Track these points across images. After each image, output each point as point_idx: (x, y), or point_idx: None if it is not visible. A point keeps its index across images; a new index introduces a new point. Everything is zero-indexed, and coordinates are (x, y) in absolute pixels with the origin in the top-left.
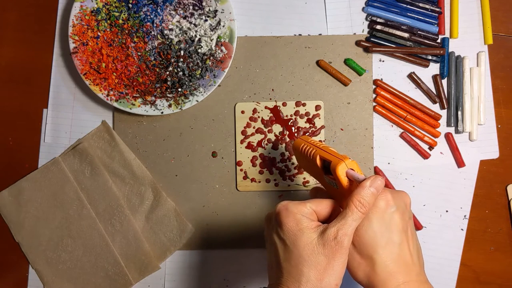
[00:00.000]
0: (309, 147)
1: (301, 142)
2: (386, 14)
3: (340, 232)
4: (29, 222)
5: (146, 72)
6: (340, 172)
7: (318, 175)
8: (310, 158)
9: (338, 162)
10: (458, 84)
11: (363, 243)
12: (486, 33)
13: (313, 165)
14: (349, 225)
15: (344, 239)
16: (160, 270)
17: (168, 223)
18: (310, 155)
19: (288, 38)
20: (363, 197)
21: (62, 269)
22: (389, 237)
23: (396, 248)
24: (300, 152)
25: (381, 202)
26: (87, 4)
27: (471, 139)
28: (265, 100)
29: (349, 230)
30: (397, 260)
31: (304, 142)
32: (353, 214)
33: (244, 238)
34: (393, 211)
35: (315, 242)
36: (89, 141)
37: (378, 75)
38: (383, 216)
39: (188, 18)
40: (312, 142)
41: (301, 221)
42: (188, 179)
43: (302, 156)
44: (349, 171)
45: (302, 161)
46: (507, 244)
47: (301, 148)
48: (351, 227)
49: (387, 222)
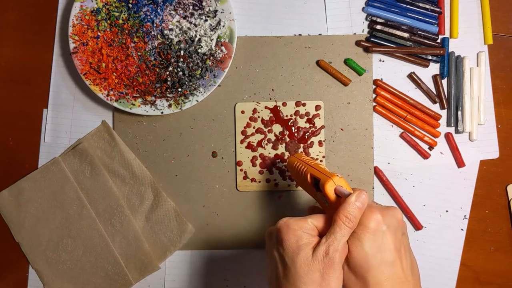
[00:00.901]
0: (301, 165)
1: (294, 160)
2: (386, 14)
3: (331, 248)
4: (29, 222)
5: (146, 72)
6: (329, 189)
7: (311, 192)
8: (302, 175)
9: (326, 180)
10: (458, 84)
11: (356, 264)
12: (486, 33)
13: (305, 182)
14: (338, 240)
15: (335, 255)
16: (160, 270)
17: (168, 223)
18: (302, 172)
19: (288, 38)
20: (349, 212)
21: (62, 269)
22: (382, 257)
23: (389, 267)
24: (294, 170)
25: (372, 223)
26: (87, 4)
27: (471, 139)
28: (265, 100)
29: (340, 246)
30: (391, 279)
31: (297, 160)
32: (341, 229)
33: (244, 238)
34: (384, 230)
35: (310, 259)
36: (89, 141)
37: (378, 75)
38: (375, 236)
39: (188, 18)
40: (305, 160)
41: (301, 238)
42: (188, 179)
43: (296, 174)
44: (337, 187)
45: (296, 178)
46: (507, 244)
47: (294, 165)
48: (341, 242)
49: (378, 242)
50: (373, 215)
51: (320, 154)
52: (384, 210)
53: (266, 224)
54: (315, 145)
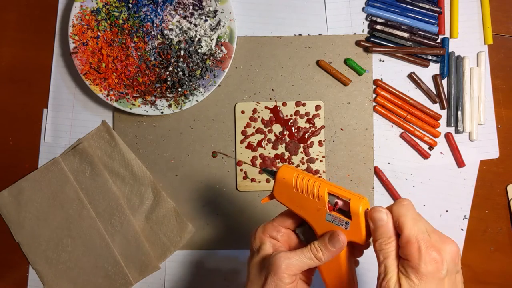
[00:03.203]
0: (310, 178)
1: (292, 171)
2: (386, 14)
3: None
4: (29, 222)
5: (146, 72)
6: (361, 212)
7: (310, 210)
8: (310, 190)
9: (359, 201)
10: (458, 84)
11: None
12: (486, 33)
13: (308, 198)
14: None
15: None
16: (160, 270)
17: (168, 223)
18: (312, 186)
19: (288, 38)
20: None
21: (62, 269)
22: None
23: None
24: (290, 180)
25: (429, 268)
26: (87, 4)
27: (471, 139)
28: (265, 100)
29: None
30: None
31: (297, 171)
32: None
33: (244, 238)
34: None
35: None
36: (89, 141)
37: (378, 75)
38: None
39: (188, 18)
40: (307, 174)
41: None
42: (188, 179)
43: (290, 185)
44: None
45: (285, 189)
46: (507, 244)
47: (296, 176)
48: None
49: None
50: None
51: (320, 154)
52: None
53: None
54: (315, 145)
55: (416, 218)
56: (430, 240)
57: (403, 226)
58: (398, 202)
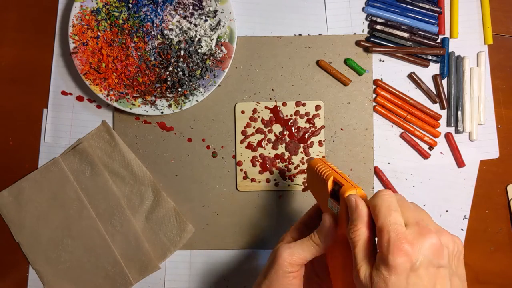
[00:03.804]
0: (325, 168)
1: (318, 161)
2: (386, 14)
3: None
4: (29, 222)
5: (146, 72)
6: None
7: (322, 197)
8: (322, 177)
9: (349, 188)
10: (458, 84)
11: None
12: (486, 33)
13: (321, 186)
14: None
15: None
16: (160, 270)
17: (168, 223)
18: (324, 174)
19: (288, 38)
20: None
21: (62, 269)
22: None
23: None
24: (313, 170)
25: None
26: (87, 4)
27: (471, 139)
28: (265, 100)
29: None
30: None
31: (323, 162)
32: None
33: (244, 238)
34: (416, 268)
35: None
36: (89, 141)
37: (378, 75)
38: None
39: (188, 18)
40: (330, 165)
41: None
42: (188, 179)
43: (314, 174)
44: (346, 198)
45: (311, 179)
46: (507, 244)
47: (317, 166)
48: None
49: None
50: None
51: (320, 154)
52: (417, 236)
53: (266, 224)
54: (315, 145)
55: (392, 209)
56: (404, 231)
57: (377, 216)
58: (376, 193)
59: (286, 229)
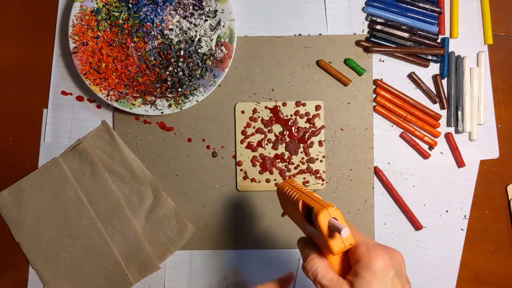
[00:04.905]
0: (292, 191)
1: (285, 185)
2: (386, 14)
3: None
4: (29, 222)
5: (146, 72)
6: (322, 221)
7: (300, 222)
8: (292, 202)
9: (320, 209)
10: (458, 84)
11: None
12: (486, 33)
13: (295, 211)
14: None
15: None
16: (160, 270)
17: (168, 223)
18: (293, 199)
19: (288, 38)
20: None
21: (62, 269)
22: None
23: None
24: (283, 195)
25: (379, 264)
26: (87, 4)
27: (471, 139)
28: (265, 100)
29: None
30: None
31: (289, 185)
32: None
33: (244, 238)
34: (393, 274)
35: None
36: (89, 141)
37: (378, 75)
38: (385, 282)
39: (188, 18)
40: (297, 186)
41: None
42: (188, 179)
43: (285, 200)
44: (331, 220)
45: (285, 206)
46: (507, 244)
47: (285, 191)
48: None
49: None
50: (381, 257)
51: (320, 154)
52: (388, 251)
53: (266, 224)
54: (315, 145)
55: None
56: (376, 244)
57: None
58: None
59: (287, 229)
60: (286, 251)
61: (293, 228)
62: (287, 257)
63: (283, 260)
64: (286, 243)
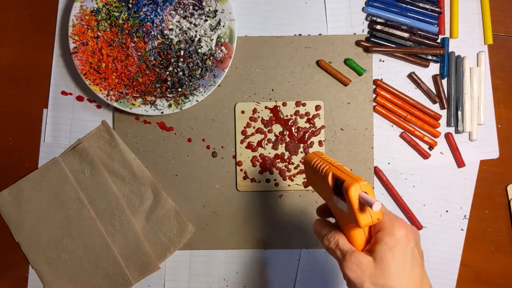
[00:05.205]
0: (322, 163)
1: (314, 157)
2: (386, 14)
3: None
4: (29, 222)
5: (146, 72)
6: (353, 194)
7: (326, 194)
8: (321, 174)
9: (352, 183)
10: (458, 84)
11: (385, 278)
12: (486, 33)
13: (323, 183)
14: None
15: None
16: (160, 270)
17: (168, 223)
18: (322, 171)
19: (288, 38)
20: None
21: (62, 269)
22: (412, 272)
23: (419, 283)
24: (311, 167)
25: (402, 232)
26: (87, 4)
27: (471, 139)
28: (265, 100)
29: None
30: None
31: (318, 157)
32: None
33: (244, 238)
34: (413, 246)
35: None
36: (89, 141)
37: (378, 75)
38: (406, 249)
39: (188, 18)
40: (326, 159)
41: None
42: (188, 179)
43: (312, 172)
44: (362, 194)
45: (311, 177)
46: (507, 244)
47: (313, 163)
48: None
49: (409, 255)
50: (404, 226)
51: None
52: (409, 225)
53: (266, 224)
54: (315, 145)
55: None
56: (398, 217)
57: None
58: None
59: (287, 229)
60: (286, 251)
61: (293, 228)
62: (287, 257)
63: (283, 260)
64: (286, 243)
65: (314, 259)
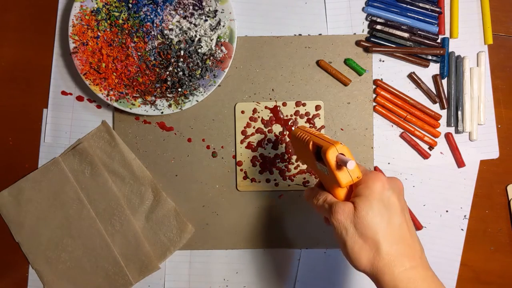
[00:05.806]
0: (304, 134)
1: (297, 131)
2: (386, 14)
3: None
4: (29, 222)
5: (146, 72)
6: (330, 156)
7: (311, 163)
8: (304, 144)
9: (328, 146)
10: (458, 84)
11: (364, 226)
12: (486, 33)
13: (306, 152)
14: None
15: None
16: (160, 270)
17: (168, 223)
18: (304, 141)
19: (288, 38)
20: None
21: (62, 269)
22: (390, 218)
23: (397, 229)
24: (296, 140)
25: (377, 184)
26: (87, 4)
27: (471, 139)
28: (265, 100)
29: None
30: (400, 241)
31: (301, 130)
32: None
33: (244, 238)
34: (390, 193)
35: None
36: (89, 141)
37: (378, 75)
38: (382, 198)
39: (188, 18)
40: (308, 130)
41: None
42: (188, 179)
43: (298, 144)
44: (339, 155)
45: (298, 150)
46: (507, 244)
47: (297, 135)
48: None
49: (386, 203)
50: (378, 178)
51: None
52: (388, 177)
53: (266, 224)
54: None
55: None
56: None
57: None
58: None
59: (287, 229)
60: (286, 251)
61: (293, 228)
62: (287, 257)
63: (283, 260)
64: (286, 243)
65: (314, 259)
